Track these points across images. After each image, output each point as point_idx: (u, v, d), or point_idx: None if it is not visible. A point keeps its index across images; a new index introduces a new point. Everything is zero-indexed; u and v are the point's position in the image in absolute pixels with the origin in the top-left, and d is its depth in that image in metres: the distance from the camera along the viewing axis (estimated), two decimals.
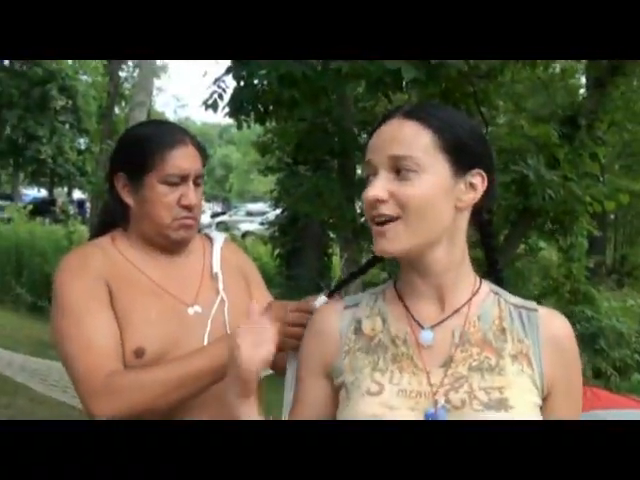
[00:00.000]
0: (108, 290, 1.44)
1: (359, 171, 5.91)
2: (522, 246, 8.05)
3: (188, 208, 1.49)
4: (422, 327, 1.09)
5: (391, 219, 1.04)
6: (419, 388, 1.04)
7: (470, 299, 1.11)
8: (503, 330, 1.09)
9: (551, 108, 8.18)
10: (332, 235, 10.32)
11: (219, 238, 1.65)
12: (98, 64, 22.72)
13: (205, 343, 1.45)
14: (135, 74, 23.08)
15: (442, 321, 1.09)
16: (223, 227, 28.67)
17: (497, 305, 1.12)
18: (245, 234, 21.22)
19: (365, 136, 4.74)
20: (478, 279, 1.15)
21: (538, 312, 1.11)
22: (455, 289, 1.11)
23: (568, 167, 5.39)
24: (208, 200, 52.14)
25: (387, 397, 1.04)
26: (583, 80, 11.34)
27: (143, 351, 1.40)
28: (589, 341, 7.41)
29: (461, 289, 1.11)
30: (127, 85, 22.80)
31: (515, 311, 1.11)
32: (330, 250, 11.04)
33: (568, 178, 5.19)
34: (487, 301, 1.12)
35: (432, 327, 1.09)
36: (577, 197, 5.40)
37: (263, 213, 24.95)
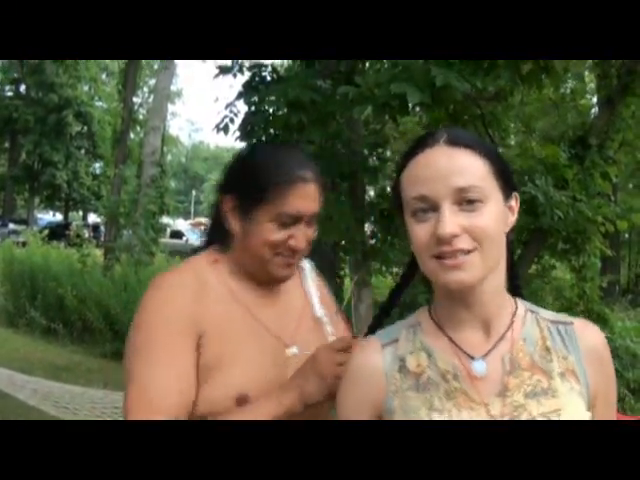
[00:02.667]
0: (195, 330, 1.30)
1: (371, 192, 5.95)
2: (535, 267, 8.04)
3: (294, 250, 1.38)
4: (472, 358, 1.06)
5: (466, 252, 1.01)
6: None
7: (512, 322, 1.09)
8: (547, 349, 1.07)
9: (562, 129, 8.21)
10: (344, 257, 10.33)
11: (309, 268, 1.56)
12: (113, 90, 23.03)
13: None
14: (150, 99, 23.39)
15: (491, 349, 1.07)
16: None
17: (537, 324, 1.10)
18: None
19: (375, 158, 4.78)
20: (513, 300, 1.13)
21: (574, 325, 1.10)
22: (499, 314, 1.09)
23: (577, 187, 5.39)
24: None
25: None
26: (594, 100, 11.36)
27: (246, 399, 1.29)
28: None
29: (503, 313, 1.09)
30: (142, 110, 23.06)
31: (553, 327, 1.10)
32: (342, 272, 11.03)
33: (577, 199, 5.19)
34: (527, 322, 1.10)
35: (483, 357, 1.06)
36: (587, 217, 5.40)
37: None
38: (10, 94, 28.48)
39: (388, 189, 6.53)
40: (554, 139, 7.05)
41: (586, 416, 1.03)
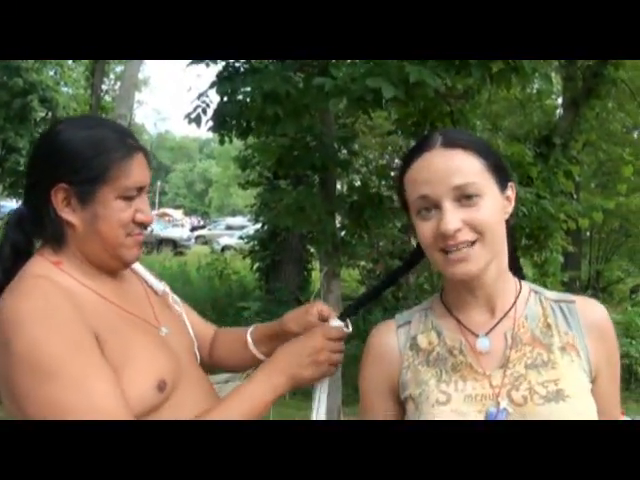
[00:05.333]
0: (93, 334, 1.17)
1: (339, 186, 6.01)
2: None
3: (143, 224, 1.30)
4: (476, 335, 1.18)
5: (469, 243, 1.11)
6: (483, 392, 1.12)
7: (515, 302, 1.20)
8: (549, 326, 1.18)
9: (527, 128, 8.37)
10: (311, 250, 10.40)
11: None
12: (80, 76, 22.65)
13: (185, 362, 1.35)
14: (116, 87, 23.07)
15: (494, 327, 1.18)
16: (202, 241, 28.63)
17: (539, 303, 1.21)
18: (224, 248, 21.23)
19: (345, 152, 4.84)
20: (518, 281, 1.24)
21: (576, 303, 1.20)
22: (502, 295, 1.20)
23: (541, 185, 5.54)
24: (187, 214, 51.93)
25: (456, 404, 1.12)
26: (559, 101, 11.56)
27: (165, 382, 1.22)
28: None
29: (507, 294, 1.20)
30: (108, 98, 22.73)
31: (556, 306, 1.20)
32: (309, 264, 11.10)
33: (541, 196, 5.33)
34: (530, 301, 1.21)
35: (486, 334, 1.18)
36: (550, 214, 5.54)
37: (242, 227, 24.95)
38: None
39: (358, 182, 6.60)
40: (520, 138, 7.20)
41: (587, 387, 1.13)
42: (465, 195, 1.10)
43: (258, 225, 11.15)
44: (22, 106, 21.74)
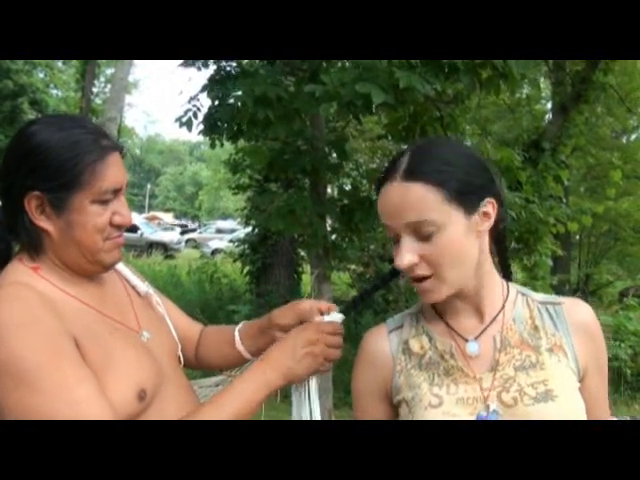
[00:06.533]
0: (73, 339, 1.15)
1: (329, 190, 6.03)
2: None
3: (121, 227, 1.28)
4: (466, 340, 1.20)
5: (426, 277, 1.14)
6: (474, 394, 1.15)
7: (503, 305, 1.22)
8: (536, 328, 1.20)
9: (516, 132, 8.43)
10: (302, 253, 10.41)
11: None
12: (70, 78, 22.61)
13: (167, 367, 1.33)
14: (106, 89, 23.02)
15: (483, 331, 1.20)
16: (192, 244, 28.57)
17: (527, 306, 1.23)
18: (214, 251, 21.23)
19: (334, 155, 4.85)
20: (505, 284, 1.26)
21: (562, 305, 1.23)
22: (489, 300, 1.21)
23: (530, 190, 5.58)
24: (178, 217, 51.83)
25: (448, 407, 1.14)
26: (549, 106, 11.65)
27: (145, 392, 1.21)
28: None
29: (494, 298, 1.22)
30: (98, 100, 22.67)
31: (542, 308, 1.23)
32: (300, 268, 11.10)
33: (530, 200, 5.38)
34: (517, 303, 1.23)
35: (476, 338, 1.20)
36: (539, 218, 5.59)
37: (233, 230, 24.97)
38: None
39: (348, 186, 6.62)
40: (509, 142, 7.25)
41: (575, 387, 1.15)
42: (420, 231, 1.11)
43: (248, 228, 11.14)
44: (12, 108, 21.68)
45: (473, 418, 1.12)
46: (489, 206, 1.16)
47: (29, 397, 1.06)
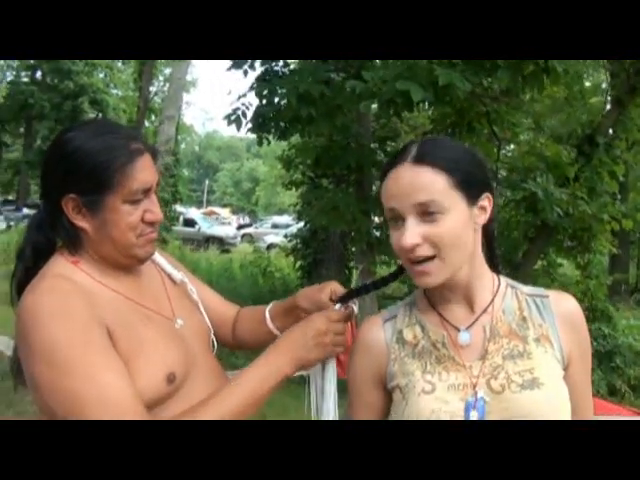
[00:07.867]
0: (106, 329, 1.24)
1: (375, 186, 6.04)
2: (541, 262, 8.10)
3: (153, 224, 1.37)
4: (458, 329, 1.25)
5: (428, 258, 1.18)
6: (465, 381, 1.20)
7: (493, 297, 1.27)
8: (524, 319, 1.25)
9: (571, 126, 8.25)
10: (352, 248, 10.44)
11: None
12: (129, 77, 23.16)
13: (198, 353, 1.41)
14: (165, 88, 23.50)
15: (474, 321, 1.25)
16: (248, 239, 28.92)
17: (515, 297, 1.28)
18: (269, 246, 21.42)
19: (382, 152, 4.88)
20: (496, 277, 1.31)
21: (549, 297, 1.27)
22: (480, 292, 1.27)
23: (578, 186, 5.48)
24: (235, 212, 52.47)
25: (440, 393, 1.20)
26: (608, 99, 11.32)
27: (174, 375, 1.29)
28: (605, 358, 7.39)
29: (484, 290, 1.27)
30: (157, 99, 23.17)
31: (530, 300, 1.28)
32: (350, 263, 11.13)
33: (578, 196, 5.28)
34: (507, 295, 1.28)
35: (467, 328, 1.25)
36: (590, 215, 5.48)
37: (288, 225, 25.14)
38: (26, 80, 28.73)
39: None
40: (562, 137, 7.12)
41: (559, 375, 1.20)
42: (427, 212, 1.16)
43: (301, 224, 11.23)
44: (73, 108, 22.36)
45: (463, 403, 1.18)
46: (486, 201, 1.23)
47: (60, 379, 1.16)
